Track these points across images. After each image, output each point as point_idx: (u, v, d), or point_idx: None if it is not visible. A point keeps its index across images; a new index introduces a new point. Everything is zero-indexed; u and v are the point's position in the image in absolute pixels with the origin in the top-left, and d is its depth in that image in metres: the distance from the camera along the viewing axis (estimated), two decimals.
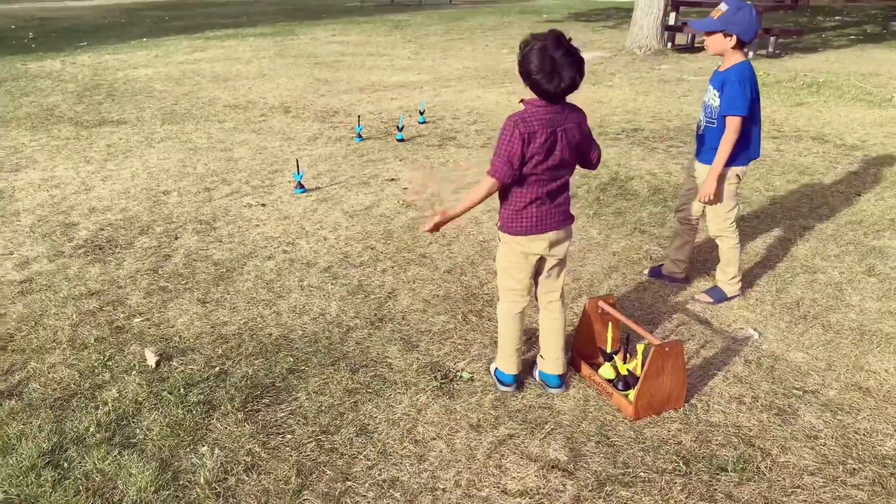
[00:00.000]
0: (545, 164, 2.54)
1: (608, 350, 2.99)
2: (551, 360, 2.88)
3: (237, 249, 4.36)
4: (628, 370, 2.83)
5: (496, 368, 2.96)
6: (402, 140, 6.83)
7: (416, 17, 21.23)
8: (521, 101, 2.58)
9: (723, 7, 3.27)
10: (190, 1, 32.38)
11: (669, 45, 12.87)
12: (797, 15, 18.62)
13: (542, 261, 2.77)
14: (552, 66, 2.40)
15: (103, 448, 2.58)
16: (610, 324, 2.98)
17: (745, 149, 3.41)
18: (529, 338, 3.20)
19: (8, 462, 2.51)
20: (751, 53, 11.80)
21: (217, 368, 3.09)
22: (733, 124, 3.27)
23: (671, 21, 13.26)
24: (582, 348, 3.04)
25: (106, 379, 3.02)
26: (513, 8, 24.64)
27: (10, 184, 5.69)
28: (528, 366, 3.02)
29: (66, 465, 2.50)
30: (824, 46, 13.27)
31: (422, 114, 7.68)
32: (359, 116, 7.47)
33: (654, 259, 4.17)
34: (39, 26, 20.07)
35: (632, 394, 2.73)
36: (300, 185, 5.39)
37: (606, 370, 2.88)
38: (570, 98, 2.54)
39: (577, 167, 2.73)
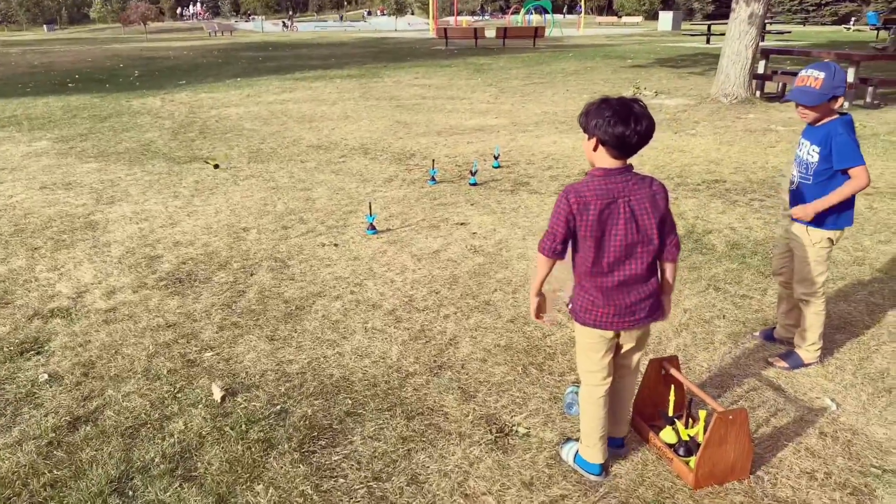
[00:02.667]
0: (611, 243, 2.34)
1: (670, 413, 2.89)
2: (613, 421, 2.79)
3: (307, 288, 4.48)
4: (690, 436, 2.73)
5: (577, 454, 2.72)
6: (474, 184, 6.91)
7: (498, 61, 21.57)
8: (587, 173, 2.43)
9: (816, 74, 3.11)
10: (282, 42, 33.97)
11: (758, 93, 12.50)
12: None
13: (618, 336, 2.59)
14: (628, 110, 2.23)
15: (166, 479, 2.67)
16: (673, 386, 2.88)
17: (839, 212, 3.23)
18: None
19: (79, 486, 2.64)
20: (846, 104, 11.36)
21: (278, 407, 3.17)
22: (862, 175, 3.08)
23: (760, 69, 12.91)
24: (643, 409, 2.96)
25: (174, 411, 3.14)
26: (597, 53, 24.69)
27: (105, 216, 6.07)
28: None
29: (130, 493, 2.61)
30: None
31: (496, 158, 7.75)
32: (433, 160, 7.61)
33: (727, 318, 4.02)
34: (145, 65, 21.50)
35: (693, 461, 2.62)
36: (371, 227, 5.52)
37: (668, 434, 2.79)
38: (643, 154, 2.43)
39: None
